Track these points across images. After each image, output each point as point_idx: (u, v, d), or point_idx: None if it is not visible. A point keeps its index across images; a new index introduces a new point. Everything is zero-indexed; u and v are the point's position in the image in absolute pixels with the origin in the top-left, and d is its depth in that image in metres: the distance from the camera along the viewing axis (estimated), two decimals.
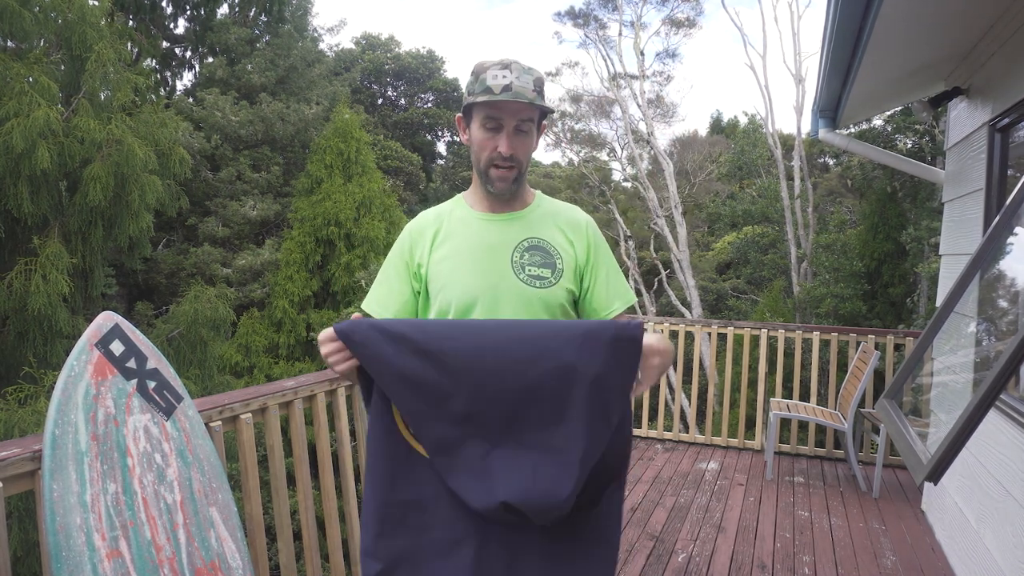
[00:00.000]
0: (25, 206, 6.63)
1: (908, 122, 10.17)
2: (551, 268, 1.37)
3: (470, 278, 1.36)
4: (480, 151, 1.35)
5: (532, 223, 1.42)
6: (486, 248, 1.38)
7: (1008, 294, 1.64)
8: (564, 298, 1.38)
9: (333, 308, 11.58)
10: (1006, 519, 2.28)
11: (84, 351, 1.47)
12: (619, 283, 1.45)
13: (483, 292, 1.35)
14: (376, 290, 1.47)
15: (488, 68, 1.30)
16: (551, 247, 1.40)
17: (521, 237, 1.39)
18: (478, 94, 1.30)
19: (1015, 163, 2.66)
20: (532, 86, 1.30)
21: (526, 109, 1.31)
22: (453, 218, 1.44)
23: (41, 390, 5.95)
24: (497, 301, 1.35)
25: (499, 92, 1.27)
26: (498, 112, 1.31)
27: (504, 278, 1.35)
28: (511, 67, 1.30)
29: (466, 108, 1.36)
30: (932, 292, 9.55)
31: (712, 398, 5.89)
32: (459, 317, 1.35)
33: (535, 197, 1.48)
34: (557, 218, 1.45)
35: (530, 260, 1.37)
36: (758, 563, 3.01)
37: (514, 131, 1.32)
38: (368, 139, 12.79)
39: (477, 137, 1.35)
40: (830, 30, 2.56)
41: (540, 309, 1.36)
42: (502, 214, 1.42)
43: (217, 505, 1.68)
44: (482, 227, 1.41)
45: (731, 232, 17.69)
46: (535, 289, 1.35)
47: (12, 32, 6.99)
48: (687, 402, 14.37)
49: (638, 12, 18.23)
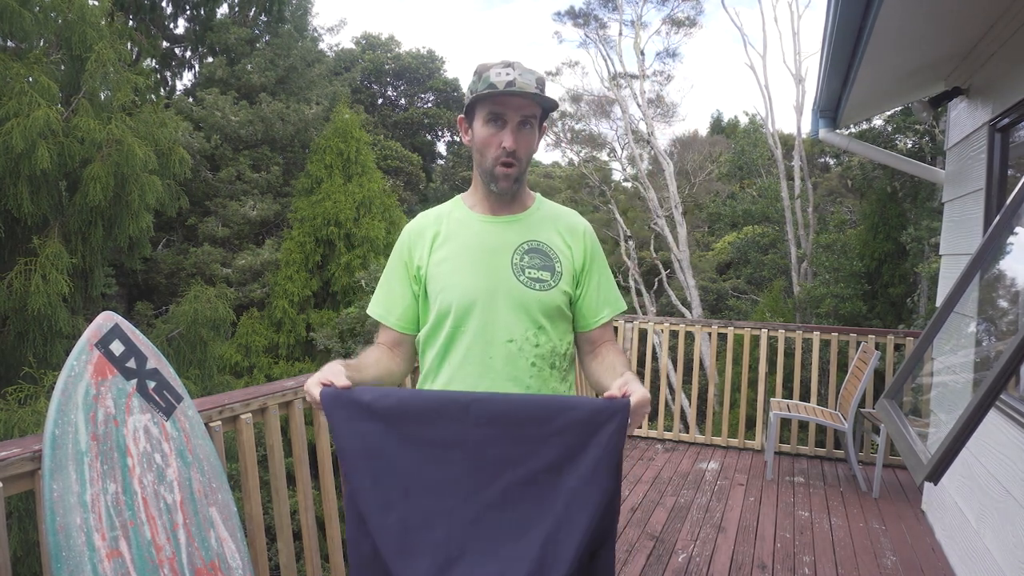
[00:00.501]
0: (25, 206, 6.63)
1: (908, 122, 10.17)
2: (550, 271, 1.38)
3: (470, 280, 1.36)
4: (484, 148, 1.35)
5: (532, 226, 1.42)
6: (486, 250, 1.38)
7: (1008, 294, 1.64)
8: (561, 301, 1.39)
9: (333, 308, 11.58)
10: (1006, 519, 2.28)
11: (84, 351, 1.47)
12: (610, 290, 1.47)
13: (482, 294, 1.35)
14: (379, 294, 1.48)
15: (491, 67, 1.31)
16: (550, 250, 1.40)
17: (521, 239, 1.40)
18: (482, 90, 1.30)
19: (1015, 163, 2.65)
20: (535, 84, 1.31)
21: (530, 104, 1.32)
22: (452, 219, 1.44)
23: (41, 390, 5.95)
24: (496, 303, 1.35)
25: (503, 88, 1.28)
26: (502, 107, 1.31)
27: (504, 280, 1.36)
28: (513, 66, 1.31)
29: (469, 106, 1.36)
30: (932, 292, 9.55)
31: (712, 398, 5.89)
32: (458, 319, 1.35)
33: (535, 200, 1.48)
34: (557, 222, 1.45)
35: (530, 263, 1.38)
36: (758, 563, 3.01)
37: (518, 126, 1.32)
38: (368, 139, 12.79)
39: (480, 134, 1.35)
40: (830, 30, 2.56)
41: (538, 311, 1.36)
42: (502, 216, 1.42)
43: (217, 505, 1.68)
44: (482, 229, 1.41)
45: (731, 232, 17.69)
46: (534, 292, 1.36)
47: (12, 32, 6.99)
48: (687, 402, 14.37)
49: (638, 12, 18.25)
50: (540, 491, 1.10)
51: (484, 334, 1.35)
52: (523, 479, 1.10)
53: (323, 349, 10.83)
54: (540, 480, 1.10)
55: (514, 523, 1.09)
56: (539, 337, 1.36)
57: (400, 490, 1.11)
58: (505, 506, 1.10)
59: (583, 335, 1.46)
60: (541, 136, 1.41)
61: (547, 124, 1.46)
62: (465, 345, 1.35)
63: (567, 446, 1.09)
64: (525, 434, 1.11)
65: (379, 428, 1.14)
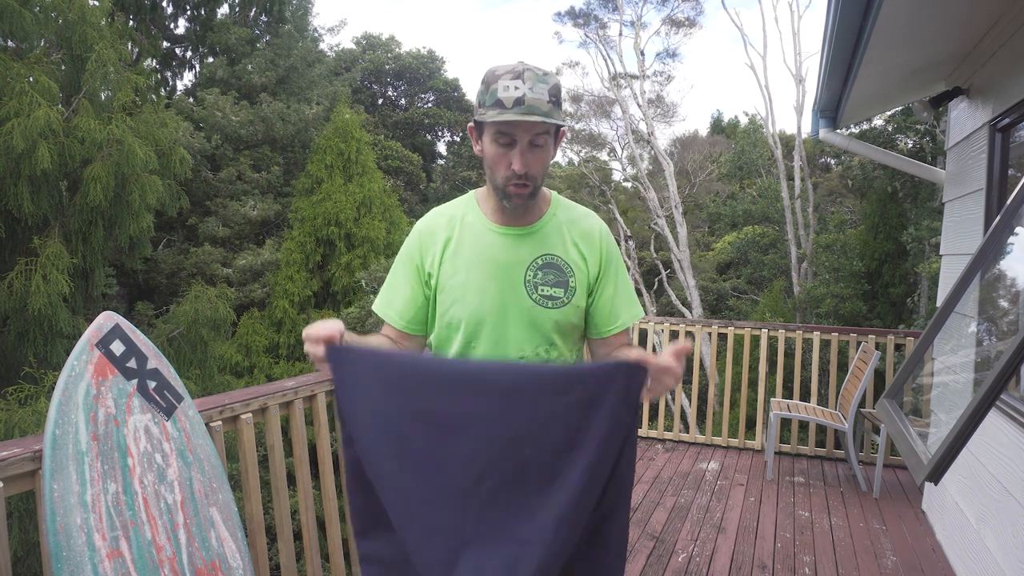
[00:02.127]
0: (25, 206, 6.63)
1: (908, 122, 10.16)
2: (564, 287, 1.34)
3: (481, 297, 1.32)
4: (495, 166, 1.28)
5: (547, 237, 1.37)
6: (499, 265, 1.33)
7: (1008, 294, 1.64)
8: (574, 316, 1.36)
9: (333, 308, 11.59)
10: (1007, 519, 2.28)
11: (85, 351, 1.47)
12: (627, 296, 1.41)
13: (493, 312, 1.32)
14: (386, 292, 1.43)
15: (500, 77, 1.21)
16: (565, 264, 1.35)
17: (535, 254, 1.35)
18: (488, 108, 1.22)
19: (1016, 163, 2.65)
20: (547, 97, 1.21)
21: (540, 124, 1.23)
22: (465, 225, 1.38)
23: (41, 390, 5.96)
24: (507, 321, 1.32)
25: (511, 106, 1.19)
26: (510, 128, 1.22)
27: (516, 298, 1.32)
28: (523, 76, 1.20)
29: (477, 122, 1.29)
30: (932, 292, 9.55)
31: (712, 398, 5.89)
32: (468, 335, 1.33)
33: (550, 203, 1.41)
34: (572, 229, 1.39)
35: (543, 279, 1.33)
36: (758, 563, 3.01)
37: (528, 146, 1.24)
38: (368, 139, 12.80)
39: (490, 152, 1.27)
40: (830, 30, 2.56)
41: (551, 330, 1.33)
42: (516, 228, 1.36)
43: (217, 505, 1.68)
44: (496, 241, 1.36)
45: (731, 232, 17.69)
46: (547, 310, 1.32)
47: (12, 32, 7.00)
48: (687, 402, 14.36)
49: (638, 12, 18.25)
50: (554, 466, 1.07)
51: (495, 351, 1.33)
52: (537, 456, 1.07)
53: None
54: (553, 455, 1.07)
55: (528, 502, 1.07)
56: (550, 353, 1.34)
57: (412, 464, 1.09)
58: (519, 485, 1.07)
59: (598, 342, 1.41)
60: (559, 143, 1.33)
61: (565, 129, 1.37)
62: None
63: (581, 417, 1.07)
64: (540, 407, 1.08)
65: (389, 395, 1.10)
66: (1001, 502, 2.34)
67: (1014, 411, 2.19)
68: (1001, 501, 2.34)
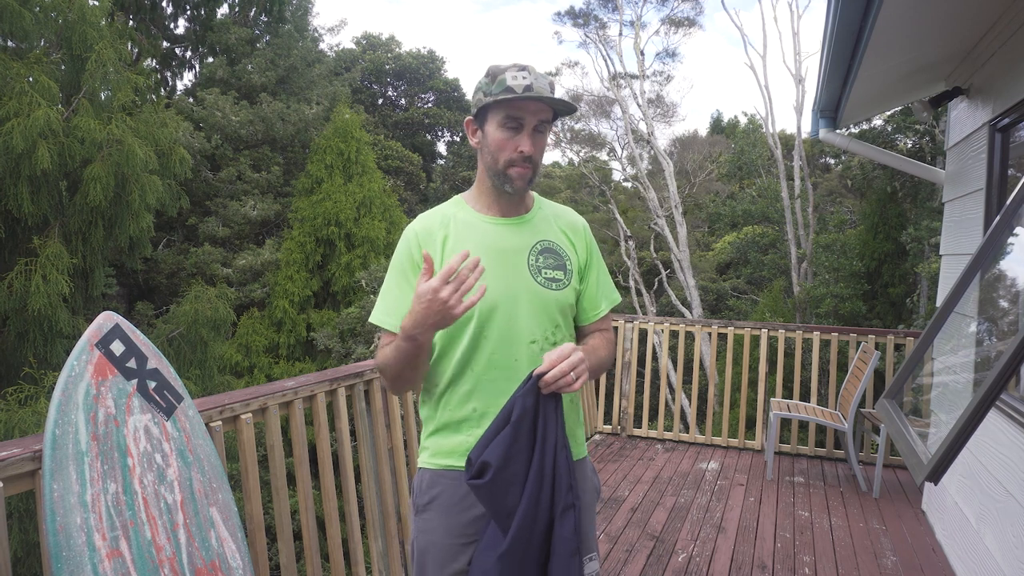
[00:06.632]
0: (25, 206, 6.63)
1: (908, 122, 10.16)
2: (563, 270, 1.41)
3: (490, 283, 1.32)
4: (498, 151, 1.33)
5: (539, 225, 1.44)
6: (502, 252, 1.37)
7: (1008, 294, 1.64)
8: (572, 299, 1.43)
9: (333, 308, 11.59)
10: (1007, 519, 2.28)
11: (84, 351, 1.47)
12: (607, 284, 1.52)
13: (503, 297, 1.34)
14: (384, 302, 1.40)
15: (506, 70, 1.31)
16: (561, 249, 1.43)
17: (534, 240, 1.41)
18: (498, 94, 1.29)
19: (1015, 163, 2.65)
20: (549, 89, 1.32)
21: (546, 109, 1.32)
22: (458, 222, 1.40)
23: (41, 390, 5.96)
24: (517, 306, 1.35)
25: (521, 92, 1.27)
26: (520, 111, 1.30)
27: (524, 282, 1.36)
28: (528, 70, 1.31)
29: (481, 109, 1.34)
30: (932, 292, 9.55)
31: (712, 398, 5.89)
32: (480, 324, 1.34)
33: (535, 200, 1.49)
34: (559, 220, 1.48)
35: (545, 263, 1.40)
36: (758, 563, 3.01)
37: (533, 131, 1.33)
38: (368, 139, 12.80)
39: (495, 137, 1.33)
40: (830, 30, 2.56)
41: (556, 311, 1.39)
42: (511, 218, 1.42)
43: (217, 505, 1.68)
44: (494, 231, 1.40)
45: (731, 232, 17.68)
46: (552, 292, 1.38)
47: (12, 32, 7.00)
48: (687, 402, 14.37)
49: (638, 12, 18.25)
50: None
51: (507, 337, 1.34)
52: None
53: (323, 349, 10.83)
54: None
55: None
56: (556, 335, 1.39)
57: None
58: None
59: (582, 328, 1.50)
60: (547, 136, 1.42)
61: (554, 127, 1.47)
62: (489, 350, 1.34)
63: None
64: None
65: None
66: (1001, 502, 2.34)
67: (1014, 411, 2.19)
68: (1001, 501, 2.34)
